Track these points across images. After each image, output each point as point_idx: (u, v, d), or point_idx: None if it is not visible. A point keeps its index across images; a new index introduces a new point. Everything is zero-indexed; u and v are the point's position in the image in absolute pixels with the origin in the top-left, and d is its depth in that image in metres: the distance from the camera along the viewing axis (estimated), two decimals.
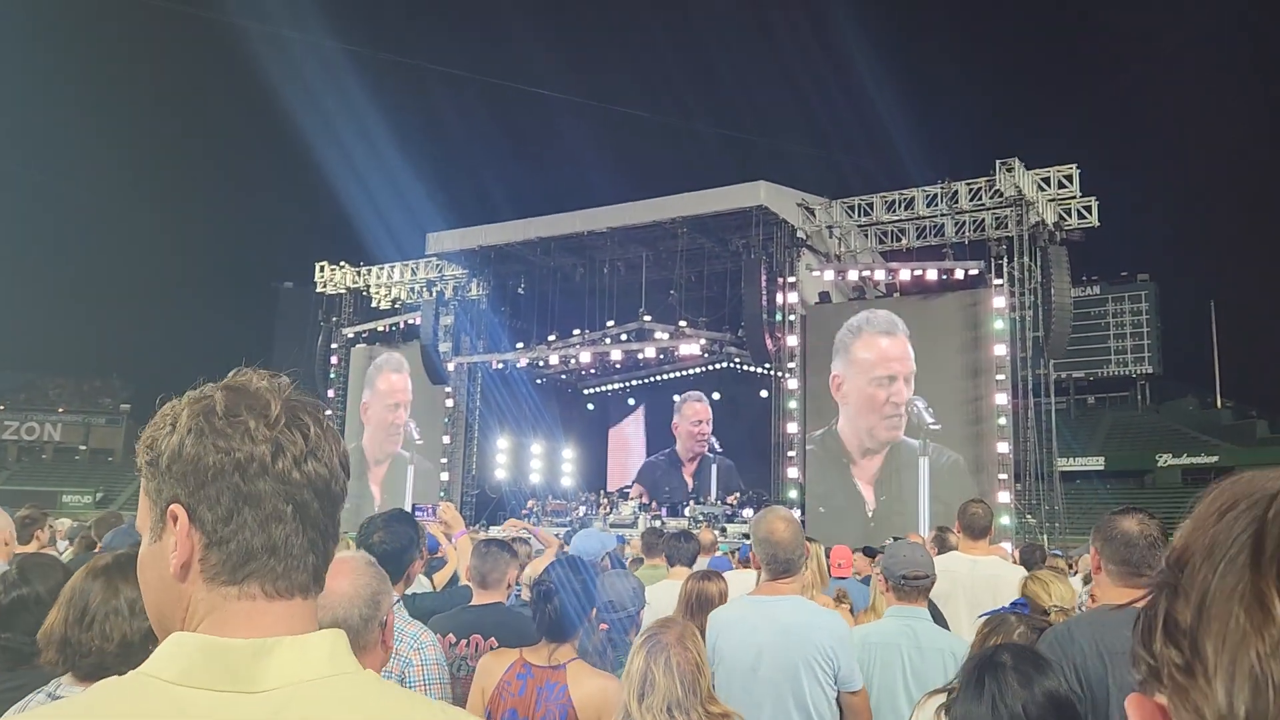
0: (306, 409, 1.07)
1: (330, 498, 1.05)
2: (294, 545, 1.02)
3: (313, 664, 0.96)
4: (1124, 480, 46.74)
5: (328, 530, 1.05)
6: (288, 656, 0.95)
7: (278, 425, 1.03)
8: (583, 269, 26.10)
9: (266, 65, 53.65)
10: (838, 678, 3.42)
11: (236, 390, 1.07)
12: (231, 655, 0.93)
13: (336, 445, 1.08)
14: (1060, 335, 20.33)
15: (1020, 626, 2.91)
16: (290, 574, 1.01)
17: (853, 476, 21.60)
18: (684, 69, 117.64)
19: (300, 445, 1.03)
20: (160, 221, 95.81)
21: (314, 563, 1.04)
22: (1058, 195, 21.25)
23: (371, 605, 2.12)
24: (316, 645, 0.98)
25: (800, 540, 3.64)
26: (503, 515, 26.35)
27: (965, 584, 4.97)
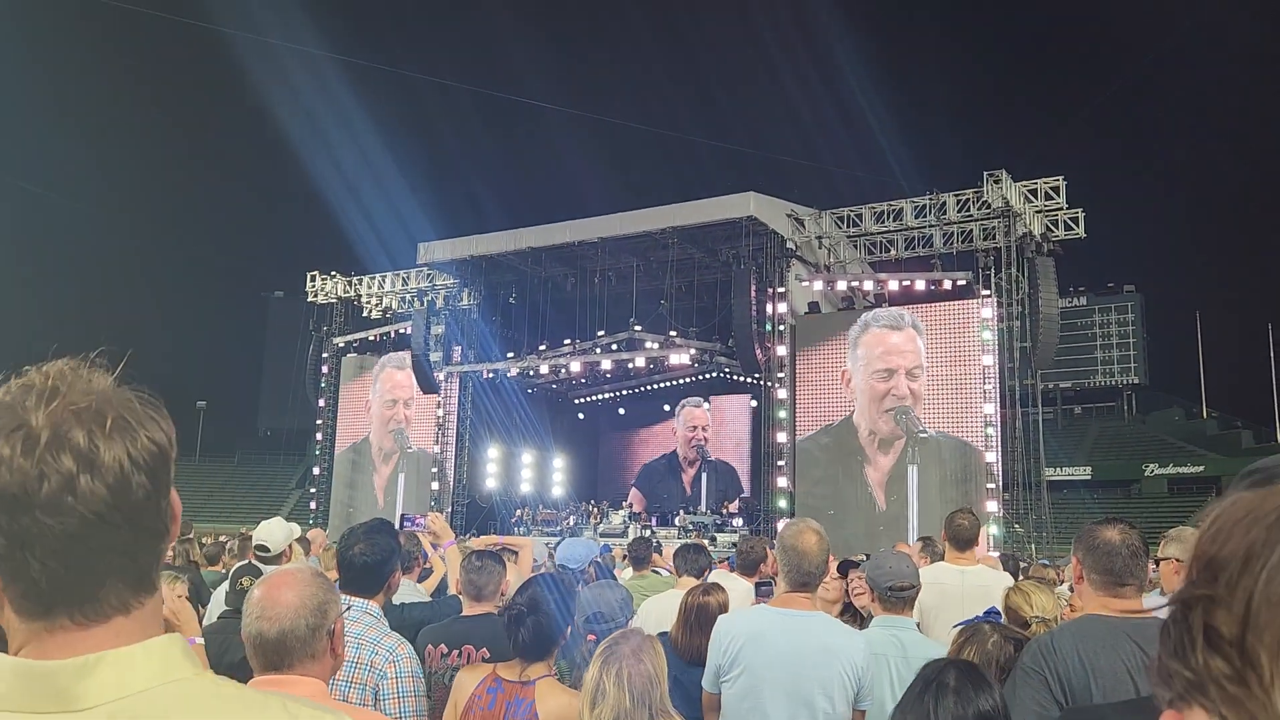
0: (80, 415, 0.93)
1: (126, 507, 0.93)
2: (90, 576, 0.93)
3: (141, 675, 0.92)
4: (1111, 490, 46.92)
5: (139, 539, 0.95)
6: (112, 671, 0.91)
7: (35, 451, 0.90)
8: (573, 279, 26.16)
9: (257, 74, 53.59)
10: (858, 695, 3.47)
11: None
12: (53, 677, 0.90)
13: (130, 440, 0.95)
14: (1047, 346, 20.47)
15: (995, 635, 2.95)
16: (97, 602, 0.94)
17: (865, 476, 21.61)
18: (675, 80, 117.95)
19: (68, 467, 0.90)
20: (149, 230, 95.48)
21: (130, 579, 0.95)
22: (1045, 207, 21.41)
23: (318, 615, 2.17)
24: (144, 656, 0.94)
25: (825, 557, 3.63)
26: (493, 525, 26.34)
27: (955, 595, 5.00)
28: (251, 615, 2.16)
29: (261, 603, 2.17)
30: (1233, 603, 0.57)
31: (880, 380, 21.39)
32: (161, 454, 0.97)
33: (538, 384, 28.84)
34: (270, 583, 2.22)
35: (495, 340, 27.32)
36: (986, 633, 2.98)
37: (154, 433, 0.98)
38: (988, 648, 2.93)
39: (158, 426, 0.99)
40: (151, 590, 0.98)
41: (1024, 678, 2.59)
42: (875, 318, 21.73)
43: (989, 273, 21.06)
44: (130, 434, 0.95)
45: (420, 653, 3.81)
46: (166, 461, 0.99)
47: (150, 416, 0.99)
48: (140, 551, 0.96)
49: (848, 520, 21.08)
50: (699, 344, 24.54)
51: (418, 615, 4.28)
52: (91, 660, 0.91)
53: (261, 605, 2.16)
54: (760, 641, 3.51)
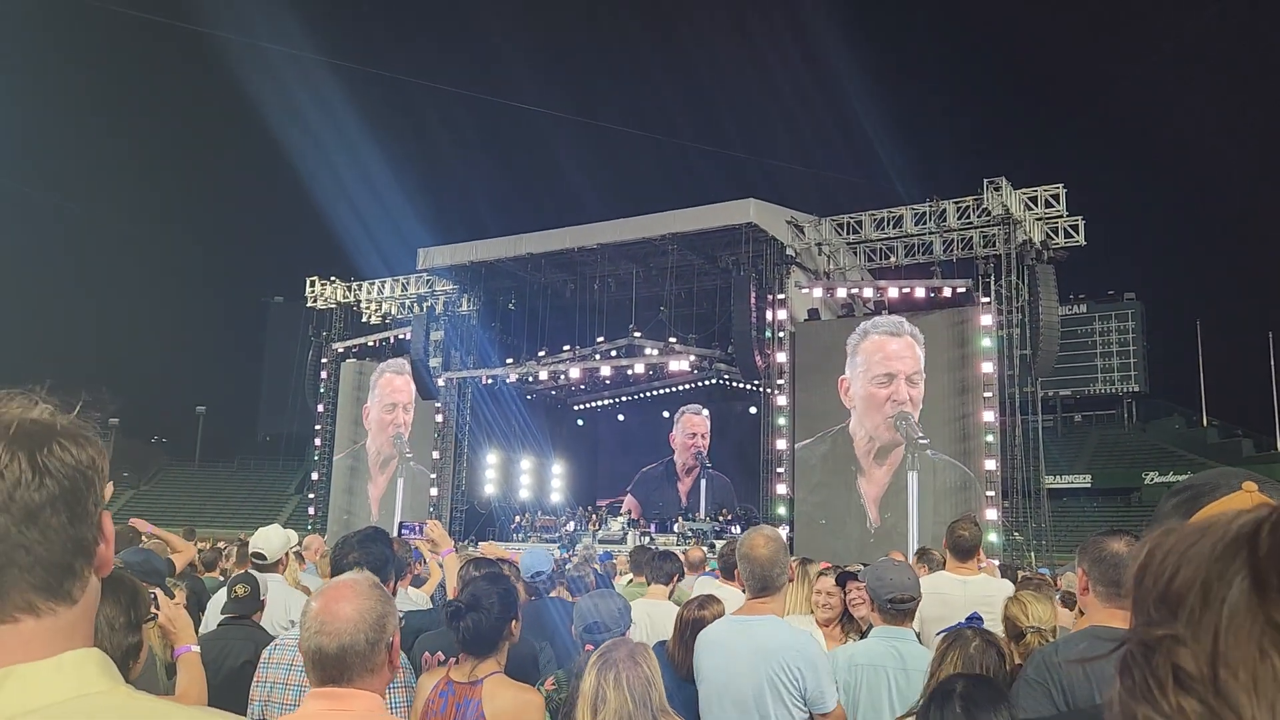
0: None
1: (28, 503, 0.95)
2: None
3: (49, 690, 0.91)
4: (1111, 498, 46.89)
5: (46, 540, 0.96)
6: (18, 685, 0.90)
7: None
8: (573, 285, 26.17)
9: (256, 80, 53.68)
10: (806, 698, 3.43)
11: None
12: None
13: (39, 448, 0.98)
14: (1047, 353, 20.47)
15: (977, 640, 2.97)
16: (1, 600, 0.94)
17: (859, 488, 21.59)
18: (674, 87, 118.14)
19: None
20: (149, 235, 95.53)
21: (36, 581, 0.95)
22: (1045, 214, 21.43)
23: (377, 628, 2.13)
24: (54, 670, 0.93)
25: (780, 559, 3.64)
26: (491, 531, 26.31)
27: (957, 605, 4.98)
28: (310, 629, 2.11)
29: (320, 616, 2.12)
30: (1199, 640, 0.55)
31: (880, 386, 21.38)
32: (76, 467, 0.99)
33: (537, 390, 28.84)
34: (328, 595, 2.17)
35: (494, 346, 27.33)
36: (969, 638, 3.01)
37: (75, 448, 1.01)
38: (969, 652, 2.95)
39: (81, 445, 1.02)
40: (67, 600, 0.97)
41: (1027, 689, 2.59)
42: (874, 325, 21.72)
43: (989, 280, 21.06)
44: (42, 443, 0.98)
45: (416, 660, 3.80)
46: (84, 477, 1.00)
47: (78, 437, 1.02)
48: (44, 547, 0.95)
49: (840, 530, 21.07)
50: (698, 350, 24.53)
51: (415, 623, 4.27)
52: (1, 673, 0.91)
53: (320, 619, 2.11)
54: (713, 650, 3.57)
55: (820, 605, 4.92)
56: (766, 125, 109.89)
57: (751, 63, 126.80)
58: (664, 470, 30.78)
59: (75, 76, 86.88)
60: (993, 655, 2.91)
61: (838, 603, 4.93)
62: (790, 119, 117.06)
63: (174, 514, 46.04)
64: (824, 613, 4.89)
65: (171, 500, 53.31)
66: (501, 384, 27.31)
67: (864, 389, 21.60)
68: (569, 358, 26.19)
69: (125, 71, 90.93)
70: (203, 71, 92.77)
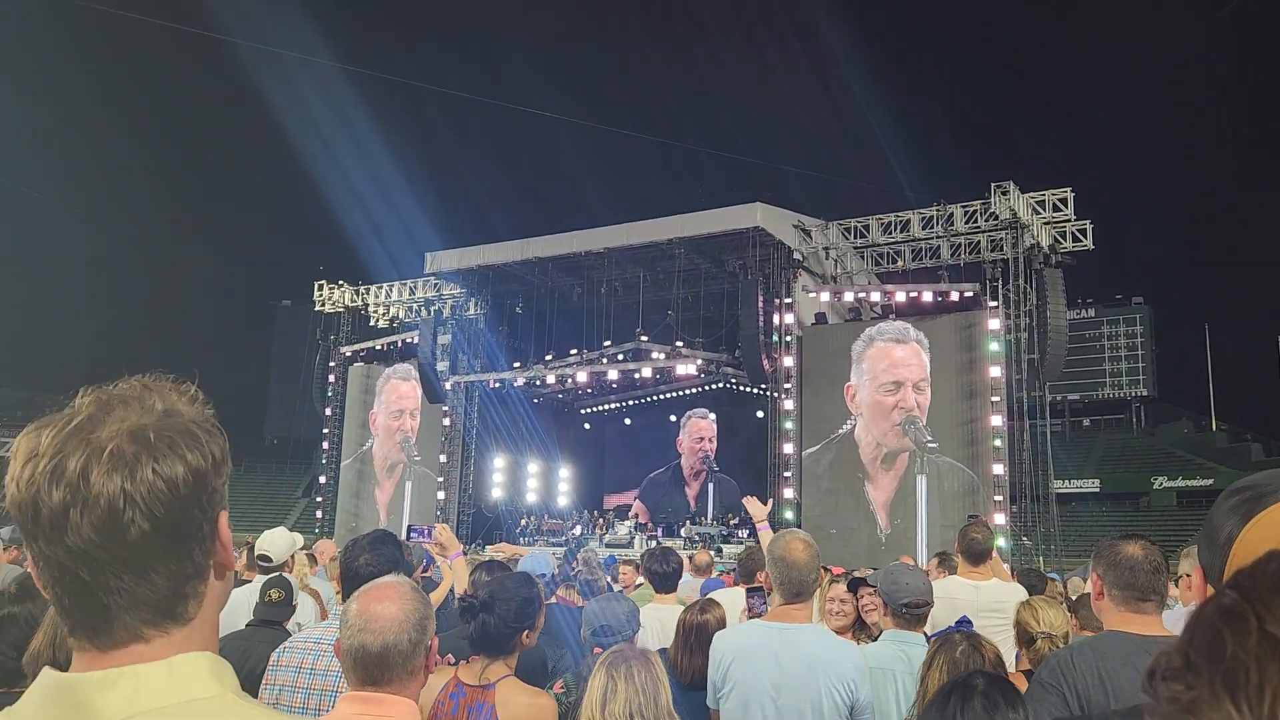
0: (84, 444, 0.92)
1: (116, 547, 0.91)
2: (93, 605, 0.92)
3: (159, 693, 0.91)
4: (1119, 502, 46.70)
5: (144, 578, 0.93)
6: (130, 687, 0.91)
7: (35, 476, 0.91)
8: (580, 289, 26.18)
9: (266, 84, 53.86)
10: (855, 709, 3.42)
11: (36, 425, 0.96)
12: (77, 689, 0.90)
13: (130, 476, 0.91)
14: (1055, 357, 20.41)
15: (964, 644, 2.97)
16: (108, 633, 0.93)
17: (867, 495, 21.55)
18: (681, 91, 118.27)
19: (59, 499, 0.90)
20: (158, 238, 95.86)
21: (141, 614, 0.93)
22: (1052, 218, 21.38)
23: (419, 630, 2.14)
24: (166, 673, 0.93)
25: (816, 564, 3.61)
26: (498, 535, 26.31)
27: (970, 610, 4.96)
28: (353, 628, 2.11)
29: (362, 615, 2.12)
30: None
31: (887, 393, 21.34)
32: (171, 489, 0.93)
33: (544, 394, 28.84)
34: (368, 595, 2.17)
35: (501, 350, 27.35)
36: (956, 641, 3.01)
37: (169, 467, 0.93)
38: (955, 656, 2.94)
39: (177, 460, 0.94)
40: (180, 620, 0.96)
41: (1041, 692, 2.57)
42: (879, 332, 21.69)
43: (997, 284, 21.01)
44: (133, 470, 0.91)
45: None
46: (178, 497, 0.94)
47: (177, 448, 0.95)
48: (141, 588, 0.93)
49: (850, 538, 21.00)
50: (705, 354, 24.51)
51: None
52: (114, 675, 0.91)
53: (363, 618, 2.11)
54: (749, 657, 3.49)
55: (834, 613, 4.84)
56: (774, 130, 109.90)
57: (759, 67, 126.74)
58: (671, 475, 30.75)
59: (83, 79, 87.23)
60: (978, 659, 2.90)
61: (851, 609, 4.88)
62: (798, 123, 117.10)
63: None
64: (837, 620, 4.82)
65: None
66: (509, 388, 27.33)
67: (871, 396, 21.56)
68: (576, 361, 26.19)
69: (133, 75, 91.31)
70: (212, 75, 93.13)
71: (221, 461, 1.00)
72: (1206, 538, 1.26)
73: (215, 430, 1.01)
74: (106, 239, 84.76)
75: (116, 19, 47.49)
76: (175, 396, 1.00)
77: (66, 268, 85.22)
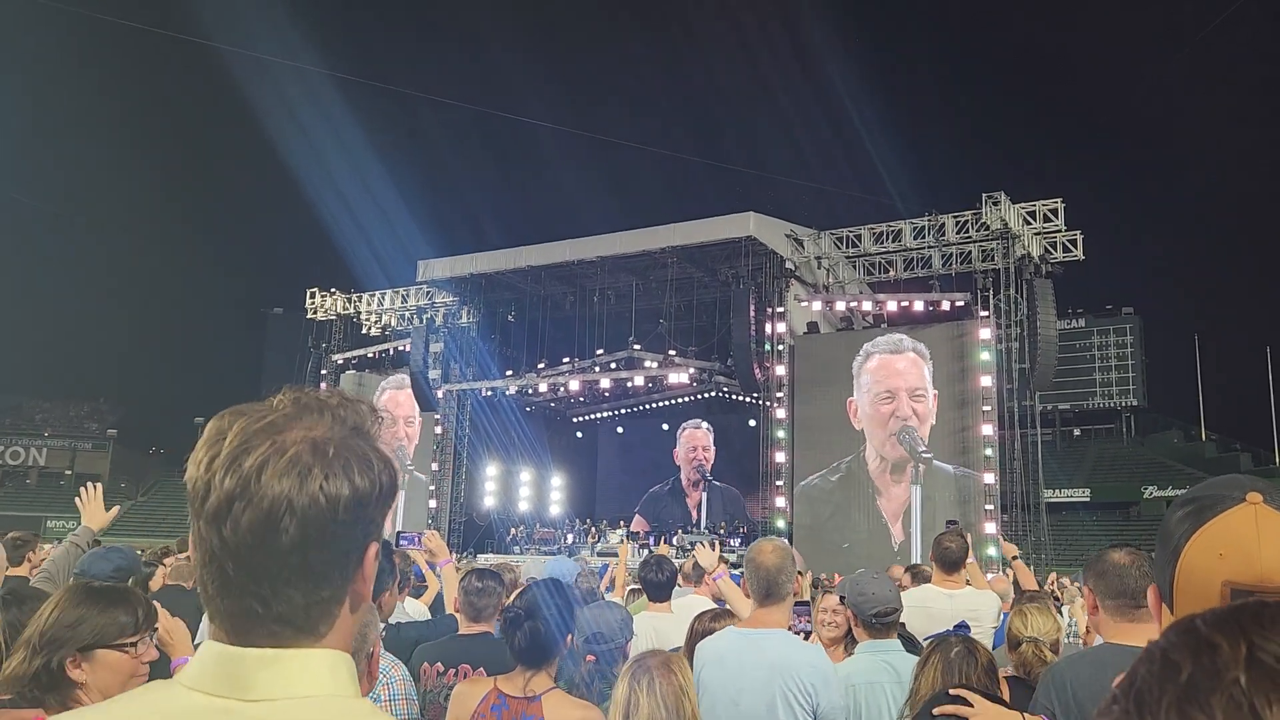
0: (268, 444, 0.93)
1: (267, 550, 0.92)
2: (235, 601, 0.94)
3: (312, 681, 0.93)
4: (1110, 512, 46.83)
5: (279, 588, 0.93)
6: (290, 669, 0.93)
7: (215, 462, 0.93)
8: (572, 297, 26.19)
9: (257, 92, 53.83)
10: (817, 714, 3.40)
11: (231, 411, 0.98)
12: (238, 663, 0.92)
13: (299, 484, 0.92)
14: (1046, 367, 20.48)
15: (959, 646, 2.99)
16: (246, 632, 0.94)
17: (879, 508, 21.56)
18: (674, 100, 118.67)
19: (229, 488, 0.91)
20: (149, 246, 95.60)
21: (273, 622, 0.94)
22: (1043, 229, 21.48)
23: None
24: (319, 662, 0.95)
25: (787, 567, 3.62)
26: (490, 543, 26.24)
27: (944, 619, 4.96)
28: None
29: None
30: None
31: (883, 403, 21.42)
32: (330, 508, 0.93)
33: (536, 402, 28.81)
34: None
35: (494, 358, 27.32)
36: (951, 643, 3.03)
37: (335, 486, 0.94)
38: (950, 657, 2.96)
39: (344, 481, 0.94)
40: (312, 636, 0.95)
41: (1038, 709, 2.52)
42: (876, 345, 21.79)
43: (987, 294, 21.10)
44: (303, 479, 0.92)
45: (415, 671, 3.78)
46: (335, 519, 0.93)
47: (350, 469, 0.95)
48: (277, 599, 0.93)
49: (864, 552, 20.88)
50: (698, 363, 24.54)
51: (413, 634, 4.25)
52: (273, 654, 0.93)
53: None
54: (719, 663, 3.52)
55: (825, 624, 4.82)
56: (766, 139, 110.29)
57: (752, 77, 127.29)
58: (671, 487, 30.82)
59: (77, 89, 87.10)
60: (973, 662, 2.92)
61: (842, 620, 4.87)
62: (790, 133, 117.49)
63: (171, 526, 45.92)
64: (829, 631, 4.80)
65: (169, 512, 53.13)
66: (501, 396, 27.29)
67: (869, 408, 21.67)
68: (568, 370, 26.18)
69: (126, 83, 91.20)
70: (204, 84, 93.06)
71: (388, 494, 0.99)
72: (1160, 547, 1.27)
73: (390, 462, 1.01)
74: (100, 248, 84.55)
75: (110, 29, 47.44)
76: (367, 418, 1.01)
77: (57, 276, 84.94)
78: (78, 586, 2.38)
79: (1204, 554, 1.18)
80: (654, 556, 5.86)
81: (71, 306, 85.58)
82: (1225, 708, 0.57)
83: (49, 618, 2.21)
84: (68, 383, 73.36)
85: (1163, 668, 0.62)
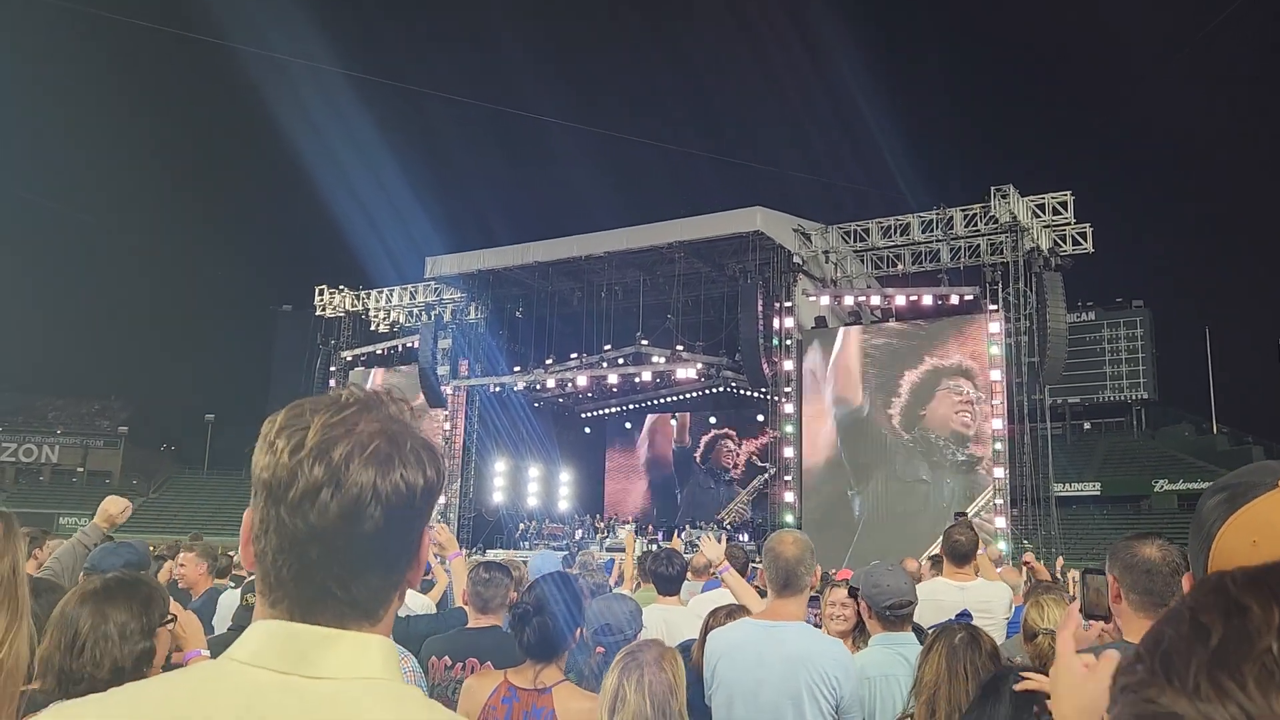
0: (350, 434, 0.98)
1: (352, 534, 0.97)
2: (308, 585, 0.98)
3: (370, 663, 0.97)
4: (1120, 506, 46.62)
5: (357, 570, 0.98)
6: (350, 650, 0.97)
7: (300, 451, 0.97)
8: (580, 293, 26.19)
9: (266, 89, 53.97)
10: (839, 707, 3.40)
11: (301, 405, 1.03)
12: (298, 640, 0.96)
13: (383, 473, 0.98)
14: (1056, 361, 20.38)
15: (962, 633, 3.00)
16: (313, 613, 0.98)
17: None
18: (681, 95, 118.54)
19: (317, 476, 0.96)
20: (159, 244, 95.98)
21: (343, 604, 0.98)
22: (1052, 221, 21.38)
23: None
24: (375, 646, 0.99)
25: (807, 559, 3.64)
26: (499, 539, 26.29)
27: (955, 611, 4.95)
28: None
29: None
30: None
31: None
32: (409, 496, 1.00)
33: (544, 398, 28.84)
34: None
35: (502, 354, 27.35)
36: (954, 631, 3.03)
37: (412, 475, 1.00)
38: (954, 643, 2.96)
39: (419, 471, 1.01)
40: (372, 620, 1.01)
41: None
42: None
43: (997, 288, 21.01)
44: (386, 468, 0.98)
45: (424, 665, 3.79)
46: (412, 506, 1.00)
47: (421, 460, 1.02)
48: (355, 582, 0.99)
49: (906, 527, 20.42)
50: (705, 358, 24.51)
51: (422, 628, 4.26)
52: (335, 634, 0.97)
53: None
54: (735, 654, 3.50)
55: (834, 618, 4.82)
56: (774, 133, 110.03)
57: (760, 71, 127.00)
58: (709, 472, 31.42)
59: (87, 87, 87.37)
60: (976, 649, 2.91)
61: (851, 614, 4.86)
62: (798, 127, 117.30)
63: (183, 522, 46.08)
64: (838, 624, 4.80)
65: (181, 508, 53.40)
66: (509, 392, 27.33)
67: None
68: (576, 365, 26.19)
69: (135, 80, 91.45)
70: (213, 82, 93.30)
71: (442, 484, 1.06)
72: (1193, 535, 1.29)
73: (440, 454, 1.08)
74: (109, 245, 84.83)
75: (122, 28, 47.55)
76: (415, 414, 1.08)
77: (68, 275, 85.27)
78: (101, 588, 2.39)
79: (1238, 540, 1.19)
80: (663, 550, 5.87)
81: (83, 305, 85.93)
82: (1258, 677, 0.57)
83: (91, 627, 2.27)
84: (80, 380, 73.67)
85: (1192, 630, 0.62)
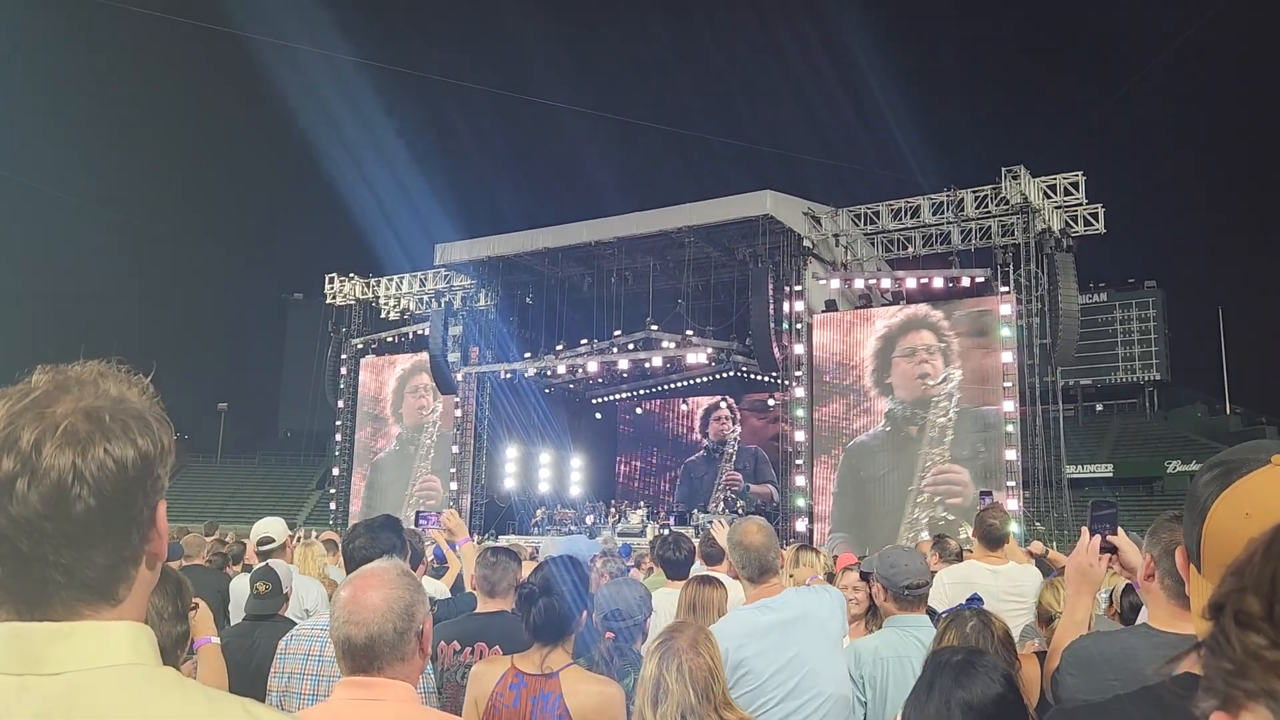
0: (39, 419, 0.93)
1: (61, 519, 0.92)
2: (29, 580, 0.93)
3: (112, 651, 0.93)
4: (1133, 487, 46.45)
5: (83, 554, 0.94)
6: (86, 640, 0.93)
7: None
8: (590, 279, 26.16)
9: (276, 77, 53.97)
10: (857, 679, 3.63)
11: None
12: (30, 639, 0.92)
13: (82, 452, 0.93)
14: (1067, 342, 20.29)
15: (974, 620, 3.01)
16: (44, 607, 0.93)
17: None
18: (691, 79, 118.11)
19: (7, 468, 0.91)
20: (170, 233, 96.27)
21: (76, 591, 0.94)
22: (1064, 202, 21.24)
23: (405, 618, 2.09)
24: (118, 633, 0.95)
25: (773, 544, 3.73)
26: (511, 525, 26.38)
27: (989, 595, 4.91)
28: (339, 619, 2.09)
29: (348, 606, 2.09)
30: (1259, 585, 0.63)
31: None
32: (120, 470, 0.95)
33: (555, 384, 28.87)
34: (356, 584, 2.14)
35: (512, 340, 27.37)
36: (966, 617, 3.04)
37: (119, 449, 0.95)
38: (966, 631, 2.97)
39: (128, 443, 0.96)
40: (111, 601, 0.97)
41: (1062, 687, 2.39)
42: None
43: (1008, 269, 20.92)
44: (86, 446, 0.93)
45: (433, 650, 3.79)
46: (127, 478, 0.96)
47: (130, 431, 0.97)
48: (79, 565, 0.94)
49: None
50: (716, 343, 24.48)
51: (435, 612, 4.25)
52: (68, 627, 0.93)
53: (348, 609, 2.09)
54: (757, 637, 3.51)
55: (848, 601, 4.84)
56: (783, 117, 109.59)
57: (769, 54, 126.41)
58: (705, 458, 31.60)
59: (95, 75, 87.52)
60: (988, 635, 2.90)
61: (864, 597, 4.86)
62: (807, 110, 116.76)
63: (196, 511, 46.34)
64: (852, 608, 4.79)
65: (193, 497, 53.73)
66: (520, 378, 27.36)
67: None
68: (586, 351, 26.19)
69: (148, 70, 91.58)
70: (225, 71, 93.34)
71: (168, 451, 1.02)
72: (1187, 509, 1.30)
73: (165, 420, 1.03)
74: (118, 235, 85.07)
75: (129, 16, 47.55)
76: (127, 386, 1.02)
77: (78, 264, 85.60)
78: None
79: (1230, 514, 1.21)
80: (672, 534, 5.87)
81: (93, 295, 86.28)
82: None
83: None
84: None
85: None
